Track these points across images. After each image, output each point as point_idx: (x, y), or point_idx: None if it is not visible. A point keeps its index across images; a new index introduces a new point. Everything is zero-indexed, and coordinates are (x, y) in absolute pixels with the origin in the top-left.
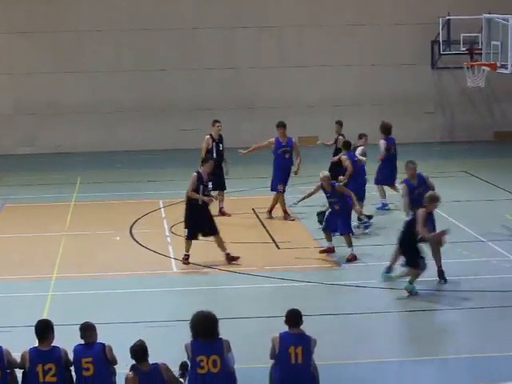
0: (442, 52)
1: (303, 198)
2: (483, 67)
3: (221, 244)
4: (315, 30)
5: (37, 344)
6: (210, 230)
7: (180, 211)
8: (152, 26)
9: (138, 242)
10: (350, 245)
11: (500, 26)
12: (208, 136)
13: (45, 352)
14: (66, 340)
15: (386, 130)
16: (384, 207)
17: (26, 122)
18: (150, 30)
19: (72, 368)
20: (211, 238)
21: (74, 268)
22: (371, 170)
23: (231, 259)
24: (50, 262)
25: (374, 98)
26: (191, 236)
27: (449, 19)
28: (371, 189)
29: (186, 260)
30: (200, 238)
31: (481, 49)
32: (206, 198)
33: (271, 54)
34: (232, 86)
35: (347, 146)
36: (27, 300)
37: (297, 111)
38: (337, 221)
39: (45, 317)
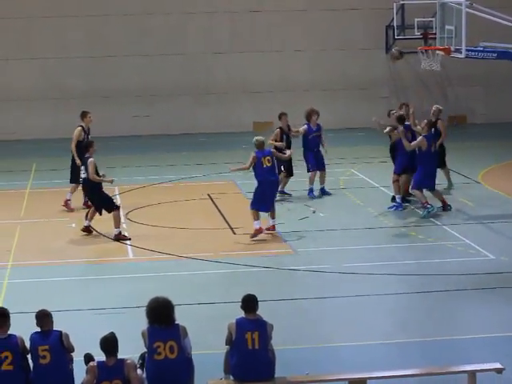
0: (396, 37)
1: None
2: (437, 52)
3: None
4: (268, 15)
5: None
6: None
7: (136, 198)
8: (102, 12)
9: (93, 229)
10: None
11: (454, 10)
12: (80, 127)
13: (1, 340)
14: (23, 328)
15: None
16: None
17: None
18: (99, 17)
19: (29, 356)
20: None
21: (30, 255)
22: None
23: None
24: (6, 250)
25: (328, 83)
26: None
27: (403, 4)
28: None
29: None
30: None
31: (435, 33)
32: (109, 179)
33: (223, 40)
34: (184, 72)
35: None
36: None
37: (249, 97)
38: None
39: (1, 305)
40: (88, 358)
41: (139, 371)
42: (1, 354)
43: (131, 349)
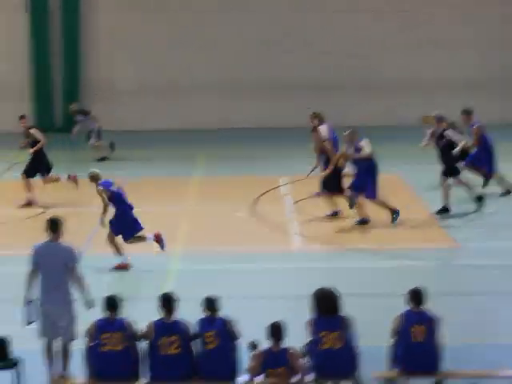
0: None
1: None
2: None
3: None
4: (441, 10)
5: (161, 316)
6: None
7: (301, 189)
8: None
9: (260, 219)
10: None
11: None
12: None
13: (169, 324)
14: (190, 313)
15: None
16: None
17: (151, 99)
18: (268, 13)
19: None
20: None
21: (199, 243)
22: None
23: None
24: (174, 238)
25: (499, 79)
26: None
27: None
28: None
29: None
30: None
31: None
32: None
33: (393, 35)
34: (350, 66)
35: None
36: (153, 273)
37: (415, 92)
38: None
39: (170, 290)
40: (253, 345)
41: (304, 360)
42: (169, 337)
43: (297, 337)
